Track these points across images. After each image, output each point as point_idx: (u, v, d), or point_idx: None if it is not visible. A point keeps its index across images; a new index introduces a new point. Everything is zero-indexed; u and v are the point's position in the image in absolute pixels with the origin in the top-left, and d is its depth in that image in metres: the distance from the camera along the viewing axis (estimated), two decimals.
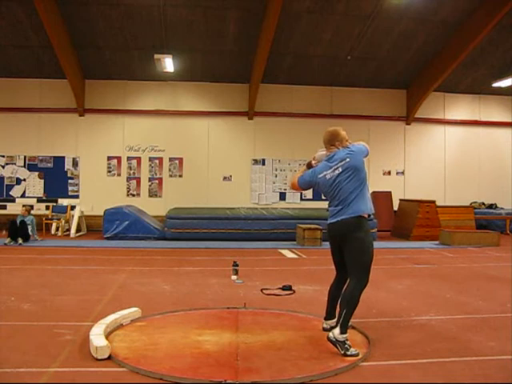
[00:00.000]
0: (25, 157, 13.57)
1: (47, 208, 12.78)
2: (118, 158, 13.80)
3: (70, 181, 13.65)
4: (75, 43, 12.20)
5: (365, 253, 3.92)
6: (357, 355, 3.65)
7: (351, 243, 3.94)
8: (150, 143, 13.86)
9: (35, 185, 13.54)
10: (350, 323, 3.94)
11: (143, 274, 7.27)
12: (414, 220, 12.33)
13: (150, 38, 12.03)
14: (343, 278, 4.13)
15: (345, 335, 3.73)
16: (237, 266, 6.80)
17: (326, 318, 4.30)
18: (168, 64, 11.71)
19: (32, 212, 11.22)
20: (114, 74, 13.50)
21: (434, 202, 12.62)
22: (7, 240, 10.12)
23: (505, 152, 15.16)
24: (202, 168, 13.97)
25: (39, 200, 13.26)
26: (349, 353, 3.65)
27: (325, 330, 4.21)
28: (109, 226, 11.51)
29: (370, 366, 3.53)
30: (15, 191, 13.52)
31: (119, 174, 13.80)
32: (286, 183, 14.33)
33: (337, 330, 3.74)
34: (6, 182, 13.53)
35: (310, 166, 4.37)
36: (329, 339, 3.77)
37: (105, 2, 10.90)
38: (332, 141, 4.14)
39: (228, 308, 5.09)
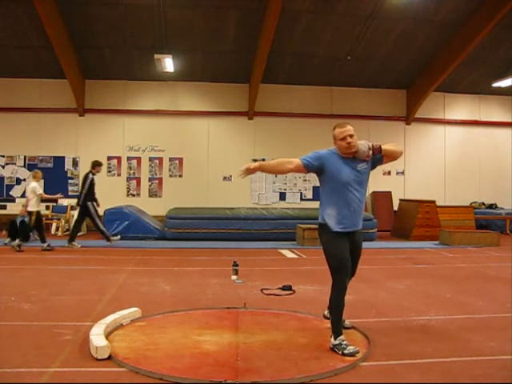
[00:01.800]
0: (25, 157, 13.58)
1: (47, 208, 12.76)
2: (118, 158, 13.80)
3: (70, 181, 13.66)
4: (75, 43, 12.20)
5: (328, 257, 3.98)
6: (356, 352, 3.63)
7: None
8: (149, 143, 13.86)
9: None
10: (346, 323, 3.99)
11: (143, 273, 7.27)
12: (413, 220, 12.33)
13: (149, 37, 12.02)
14: None
15: (339, 337, 3.74)
16: (237, 265, 6.80)
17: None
18: (168, 64, 11.72)
19: None
20: (114, 74, 13.50)
21: (433, 202, 12.61)
22: (7, 240, 10.11)
23: (505, 152, 15.16)
24: (201, 168, 13.97)
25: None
26: (346, 351, 3.63)
27: (325, 317, 4.36)
28: (109, 226, 11.47)
29: (369, 365, 3.52)
30: (15, 191, 13.54)
31: (119, 174, 13.80)
32: (285, 183, 14.35)
33: (331, 339, 3.78)
34: (6, 181, 13.54)
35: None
36: (330, 348, 3.80)
37: (105, 1, 10.90)
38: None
39: (228, 308, 5.09)
